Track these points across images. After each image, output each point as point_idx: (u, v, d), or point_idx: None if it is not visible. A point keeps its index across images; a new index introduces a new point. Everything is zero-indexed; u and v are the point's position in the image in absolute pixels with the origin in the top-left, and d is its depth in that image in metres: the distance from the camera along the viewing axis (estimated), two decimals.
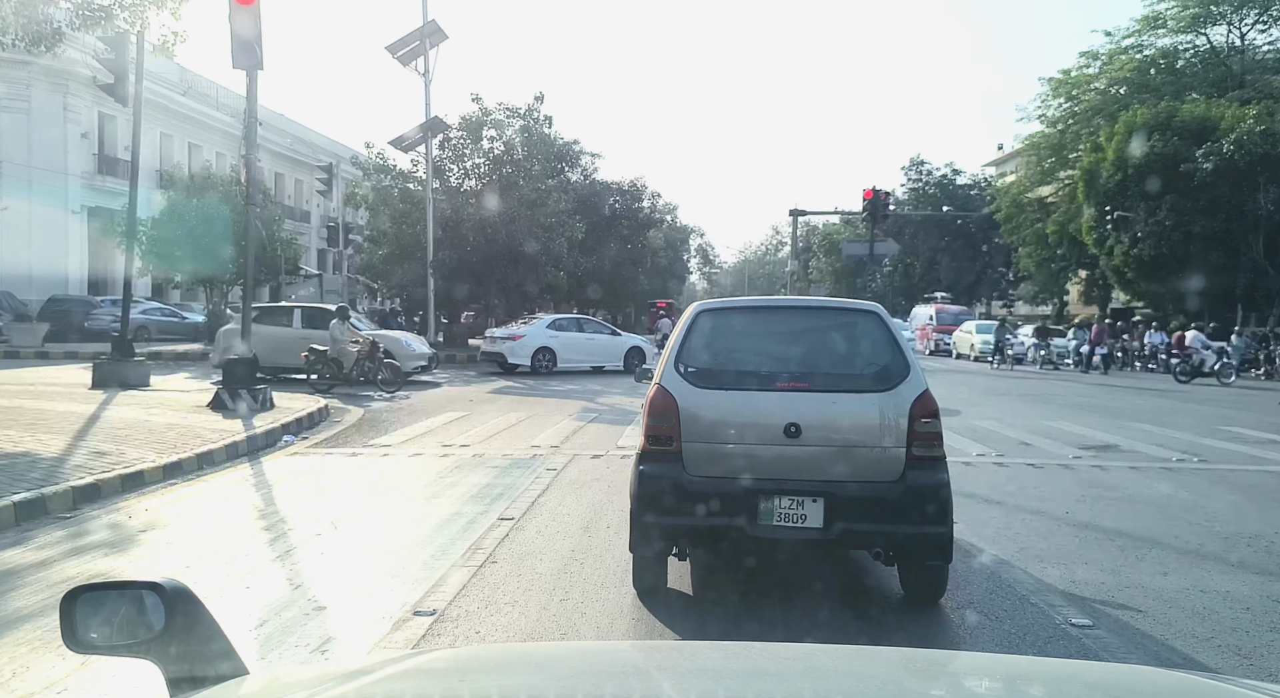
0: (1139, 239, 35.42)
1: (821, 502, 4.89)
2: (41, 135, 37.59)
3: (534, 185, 32.36)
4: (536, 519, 7.34)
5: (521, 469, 9.73)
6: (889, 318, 5.61)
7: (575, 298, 47.44)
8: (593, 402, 17.41)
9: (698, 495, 4.98)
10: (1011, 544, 6.71)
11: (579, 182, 42.63)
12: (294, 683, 1.63)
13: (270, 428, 11.70)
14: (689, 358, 5.35)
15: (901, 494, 4.92)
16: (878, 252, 31.50)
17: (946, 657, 2.39)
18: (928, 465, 4.96)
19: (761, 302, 6.51)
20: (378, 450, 11.04)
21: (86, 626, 1.57)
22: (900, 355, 5.26)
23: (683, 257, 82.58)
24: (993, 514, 7.73)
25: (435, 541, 6.69)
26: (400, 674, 1.60)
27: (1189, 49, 44.66)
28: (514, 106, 34.49)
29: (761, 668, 1.63)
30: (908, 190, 61.76)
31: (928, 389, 5.09)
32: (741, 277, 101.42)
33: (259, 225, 17.06)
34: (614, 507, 7.77)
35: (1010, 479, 9.40)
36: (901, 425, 4.94)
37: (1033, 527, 7.29)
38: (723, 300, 6.26)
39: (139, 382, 16.37)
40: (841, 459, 4.97)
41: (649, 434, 5.22)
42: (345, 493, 8.42)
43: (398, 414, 14.80)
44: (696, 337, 5.45)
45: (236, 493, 8.44)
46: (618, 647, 3.15)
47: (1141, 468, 10.26)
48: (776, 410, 5.00)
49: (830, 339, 5.66)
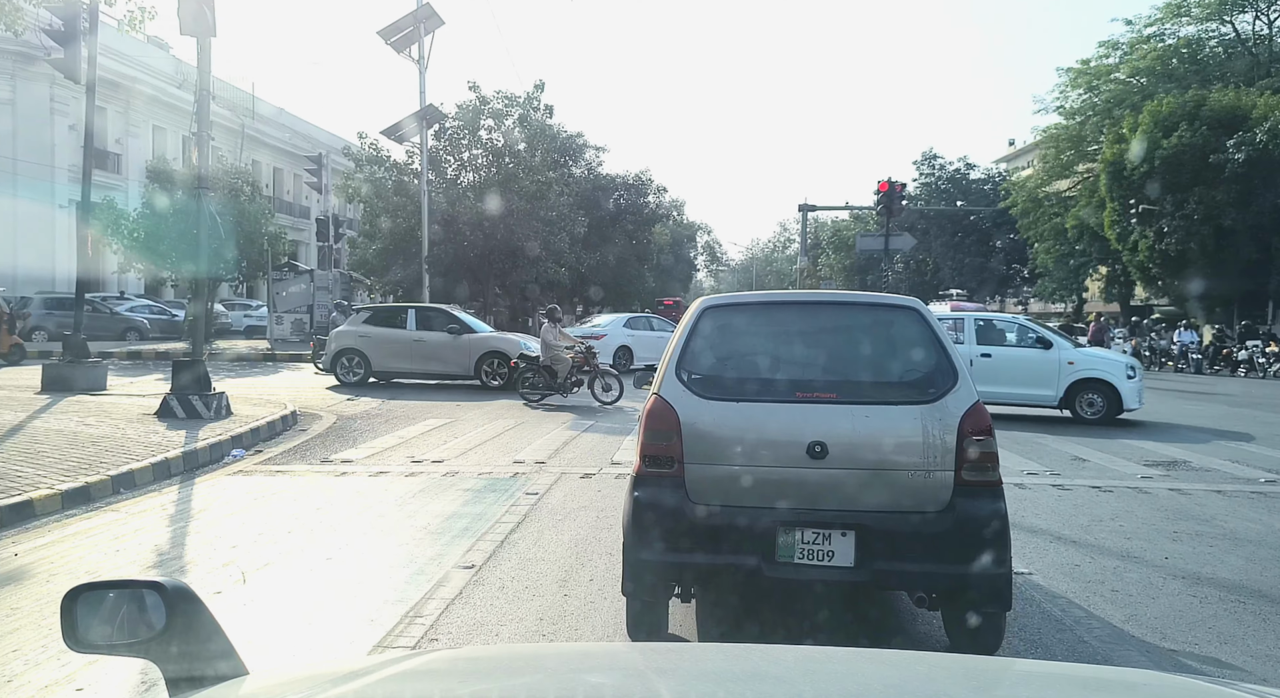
0: (1165, 233, 33.94)
1: (852, 536, 4.16)
2: (27, 128, 36.35)
3: (534, 178, 30.91)
4: (503, 567, 5.86)
5: (497, 493, 8.27)
6: (931, 315, 4.57)
7: (579, 296, 46.09)
8: (589, 406, 15.94)
9: (704, 528, 4.27)
10: (1111, 606, 5.22)
11: (583, 176, 41.16)
12: (293, 683, 1.57)
13: (218, 440, 10.26)
14: (693, 363, 4.54)
15: (949, 527, 4.15)
16: (893, 246, 29.82)
17: (949, 659, 2.14)
18: (981, 492, 4.20)
19: (778, 297, 5.20)
20: (336, 468, 9.57)
21: (87, 625, 1.57)
22: (946, 359, 4.42)
23: (689, 254, 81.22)
24: (1072, 558, 6.24)
25: (366, 602, 5.22)
26: (399, 675, 1.59)
27: (1213, 37, 43.23)
28: (513, 95, 33.09)
29: (762, 670, 1.61)
30: (920, 185, 60.13)
31: (980, 400, 4.33)
32: (749, 274, 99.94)
33: (214, 215, 15.57)
34: (602, 547, 6.32)
35: (1079, 507, 7.89)
36: (949, 444, 4.18)
37: (1131, 579, 5.78)
38: (732, 295, 4.95)
39: (92, 385, 14.96)
40: (876, 485, 4.22)
41: (645, 454, 4.41)
42: (276, 529, 6.91)
43: (373, 422, 13.34)
44: (702, 338, 4.62)
45: (143, 529, 6.94)
46: (618, 648, 2.89)
47: (1228, 492, 8.74)
48: (798, 426, 4.25)
49: (862, 341, 4.73)
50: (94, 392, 14.68)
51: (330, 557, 6.19)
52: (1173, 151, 32.98)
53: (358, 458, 10.19)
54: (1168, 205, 33.64)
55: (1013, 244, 54.62)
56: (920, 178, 60.75)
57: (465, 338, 18.56)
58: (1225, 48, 42.66)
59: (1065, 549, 6.41)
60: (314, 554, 6.24)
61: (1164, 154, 33.20)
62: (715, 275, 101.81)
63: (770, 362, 4.63)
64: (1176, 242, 33.23)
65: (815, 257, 64.14)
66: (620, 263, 44.17)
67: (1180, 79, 40.43)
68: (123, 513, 7.31)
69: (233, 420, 11.74)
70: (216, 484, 8.65)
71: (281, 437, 11.76)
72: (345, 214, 45.95)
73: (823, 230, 70.80)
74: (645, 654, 2.16)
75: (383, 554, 6.24)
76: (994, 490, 4.25)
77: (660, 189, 45.78)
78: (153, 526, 6.99)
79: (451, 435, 12.01)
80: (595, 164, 42.82)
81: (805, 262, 51.42)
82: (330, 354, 18.95)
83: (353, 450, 10.75)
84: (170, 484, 8.50)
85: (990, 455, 4.25)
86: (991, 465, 4.26)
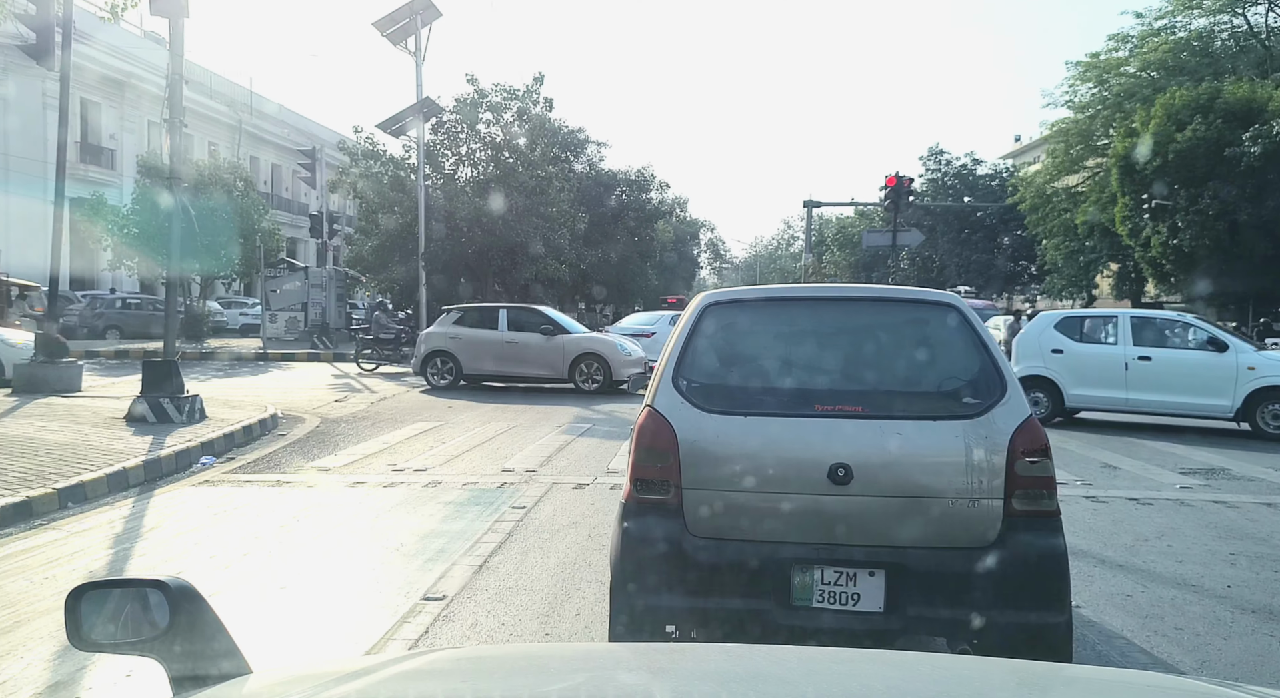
0: (1179, 229, 33.16)
1: (881, 575, 3.52)
2: (20, 122, 35.77)
3: (534, 173, 30.19)
4: (478, 599, 5.17)
5: (481, 506, 7.58)
6: (972, 313, 3.84)
7: (580, 294, 45.39)
8: (588, 407, 15.26)
9: (705, 566, 3.61)
10: (1177, 648, 4.52)
11: (584, 172, 40.43)
12: (296, 681, 1.55)
13: (185, 447, 9.58)
14: (693, 369, 3.86)
15: (998, 566, 3.49)
16: (901, 242, 29.17)
17: (951, 661, 2.01)
18: (1036, 524, 3.55)
19: (792, 291, 4.53)
20: (311, 476, 8.88)
21: (91, 623, 1.57)
22: (992, 365, 3.75)
23: (692, 251, 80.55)
24: (1122, 586, 5.53)
25: (315, 642, 4.54)
26: (403, 675, 1.58)
27: (1225, 30, 42.48)
28: (512, 88, 32.35)
29: (765, 671, 1.58)
30: (926, 181, 59.33)
31: (1032, 415, 3.64)
32: (752, 272, 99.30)
33: (187, 206, 14.91)
34: (592, 572, 5.63)
35: (1119, 523, 7.19)
36: (997, 466, 3.52)
37: (1194, 614, 5.06)
38: (739, 289, 4.22)
39: (66, 386, 14.26)
40: (910, 515, 3.56)
41: (637, 478, 3.75)
42: (231, 551, 6.20)
43: (358, 425, 12.66)
44: (703, 340, 3.93)
45: (82, 551, 6.22)
46: (621, 648, 2.63)
47: (1279, 504, 8.03)
48: (817, 445, 3.60)
49: (892, 343, 4.03)
50: (67, 393, 14.00)
51: (285, 585, 5.50)
52: (1186, 145, 32.25)
53: (335, 466, 9.50)
54: (1181, 200, 32.90)
55: (1019, 241, 53.89)
56: (926, 174, 59.96)
57: (559, 339, 17.67)
58: (1237, 40, 41.92)
59: (1112, 575, 5.71)
60: (267, 582, 5.54)
61: (1177, 148, 32.47)
62: (719, 273, 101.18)
63: (784, 368, 3.93)
64: (1190, 237, 32.49)
65: (820, 254, 63.46)
66: (622, 260, 43.48)
67: (1192, 72, 39.71)
68: (65, 531, 6.63)
69: (206, 425, 11.06)
70: (176, 497, 7.95)
71: (258, 442, 11.08)
72: (345, 211, 45.37)
73: (827, 227, 70.09)
74: (647, 654, 2.06)
75: (344, 582, 5.54)
76: (1051, 522, 3.58)
77: (663, 185, 45.05)
78: (94, 547, 6.29)
79: (439, 440, 11.33)
80: (597, 160, 42.14)
81: (810, 259, 50.79)
82: (420, 357, 18.11)
83: (331, 457, 10.06)
84: (125, 498, 7.81)
85: (1047, 480, 3.59)
86: (1048, 492, 3.59)
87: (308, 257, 45.98)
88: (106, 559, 5.99)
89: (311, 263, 43.59)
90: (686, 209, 73.99)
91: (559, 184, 32.15)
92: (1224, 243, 31.86)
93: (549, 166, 31.95)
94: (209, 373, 20.01)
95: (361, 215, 33.27)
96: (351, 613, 4.97)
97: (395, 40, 30.82)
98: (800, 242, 75.51)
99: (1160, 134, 33.29)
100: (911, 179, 29.68)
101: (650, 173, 43.46)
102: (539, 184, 30.48)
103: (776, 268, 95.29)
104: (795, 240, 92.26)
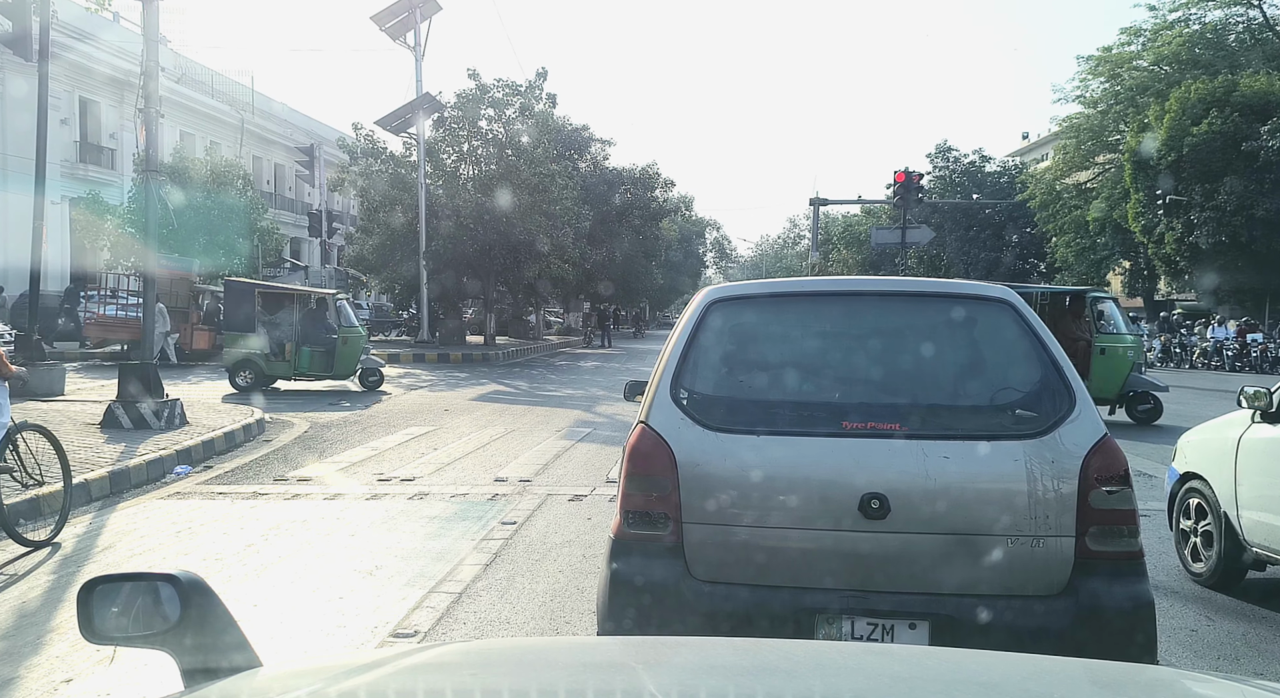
0: (1194, 225, 32.50)
1: (925, 629, 2.94)
2: (17, 121, 35.23)
3: (536, 171, 29.59)
4: (453, 636, 4.57)
5: (469, 522, 6.99)
6: (1029, 311, 3.21)
7: (585, 292, 44.80)
8: (589, 411, 14.68)
9: (710, 616, 3.01)
10: None
11: (588, 170, 39.82)
12: (306, 674, 1.52)
13: (158, 456, 9.00)
14: (695, 379, 3.25)
15: (1069, 620, 2.90)
16: (911, 239, 28.61)
17: (959, 655, 1.86)
18: (1115, 568, 2.96)
19: (813, 286, 3.88)
20: (289, 489, 8.29)
21: (103, 617, 1.56)
22: (1056, 374, 3.11)
23: (698, 250, 79.97)
24: (1183, 618, 4.91)
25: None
26: (411, 668, 1.55)
27: (1240, 23, 41.73)
28: (514, 84, 31.75)
29: (772, 665, 1.56)
30: (934, 178, 58.60)
31: (1109, 434, 3.03)
32: (759, 271, 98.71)
33: (163, 199, 14.37)
34: (585, 601, 5.05)
35: (1164, 541, 6.54)
36: (1067, 497, 2.93)
37: (1274, 654, 4.44)
38: (749, 284, 3.59)
39: (48, 390, 13.70)
40: (959, 556, 2.98)
41: (627, 508, 3.13)
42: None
43: (349, 430, 12.09)
44: (708, 343, 3.30)
45: (22, 575, 5.67)
46: (627, 642, 2.40)
47: None
48: (846, 471, 3.01)
49: (934, 347, 3.34)
50: (48, 397, 13.44)
51: (241, 617, 4.90)
52: (1202, 140, 31.58)
53: (318, 475, 8.92)
54: (1197, 196, 32.21)
55: (1027, 238, 53.20)
56: (934, 170, 59.23)
57: None
58: (1252, 33, 41.15)
59: (1169, 604, 5.09)
60: None
61: (1193, 142, 31.80)
62: (724, 271, 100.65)
63: (804, 377, 3.33)
64: (1207, 233, 31.79)
65: (826, 252, 62.82)
66: (627, 259, 42.91)
67: (1206, 66, 38.96)
68: (8, 552, 6.04)
69: (185, 431, 10.49)
70: (141, 512, 7.37)
71: (240, 449, 10.52)
72: (348, 210, 44.81)
73: (833, 226, 69.36)
74: (654, 648, 1.96)
75: (307, 614, 4.94)
76: (1134, 566, 3.04)
77: (668, 183, 44.34)
78: (37, 571, 5.71)
79: (431, 446, 10.76)
80: (601, 157, 41.50)
81: (816, 257, 50.07)
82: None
83: (316, 466, 9.48)
84: (84, 514, 7.22)
85: (1128, 514, 3.02)
86: (1129, 530, 3.03)
87: (311, 256, 45.40)
88: (46, 585, 5.39)
89: (314, 263, 43.10)
90: (692, 208, 73.53)
91: (562, 182, 31.58)
92: (1242, 239, 31.18)
93: (552, 164, 31.36)
94: (201, 376, 19.46)
95: (363, 214, 32.74)
96: (307, 656, 4.38)
97: (394, 35, 30.31)
98: (806, 240, 74.74)
99: (1175, 128, 32.63)
100: (921, 175, 29.05)
101: (655, 171, 42.79)
102: (542, 181, 29.90)
103: (782, 266, 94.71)
104: (801, 239, 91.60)
